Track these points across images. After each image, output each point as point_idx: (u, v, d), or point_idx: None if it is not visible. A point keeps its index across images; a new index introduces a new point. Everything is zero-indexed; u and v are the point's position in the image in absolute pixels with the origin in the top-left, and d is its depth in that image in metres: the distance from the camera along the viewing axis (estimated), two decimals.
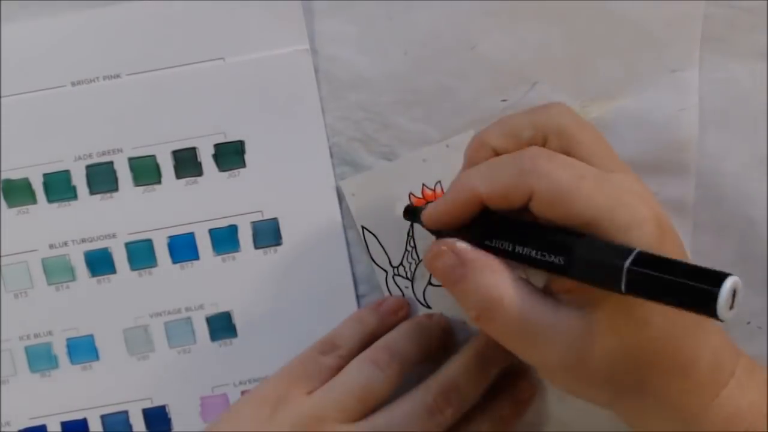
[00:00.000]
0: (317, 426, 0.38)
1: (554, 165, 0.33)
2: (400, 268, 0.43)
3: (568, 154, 0.35)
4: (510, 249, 0.34)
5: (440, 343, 0.42)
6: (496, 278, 0.34)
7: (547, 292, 0.34)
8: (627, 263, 0.29)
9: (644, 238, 0.31)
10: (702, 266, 0.28)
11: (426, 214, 0.37)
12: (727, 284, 0.27)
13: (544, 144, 0.35)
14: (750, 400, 0.35)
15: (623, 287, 0.29)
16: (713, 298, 0.27)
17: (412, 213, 0.41)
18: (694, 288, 0.28)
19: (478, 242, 0.35)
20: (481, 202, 0.35)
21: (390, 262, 0.43)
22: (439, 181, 0.42)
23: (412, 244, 0.43)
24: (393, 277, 0.43)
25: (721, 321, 0.27)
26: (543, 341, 0.33)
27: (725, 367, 0.34)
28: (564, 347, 0.33)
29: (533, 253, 0.33)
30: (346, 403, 0.38)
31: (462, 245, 0.36)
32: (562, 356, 0.33)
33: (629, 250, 0.30)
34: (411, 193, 0.42)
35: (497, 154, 0.36)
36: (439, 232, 0.37)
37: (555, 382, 0.36)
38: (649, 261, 0.29)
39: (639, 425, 0.36)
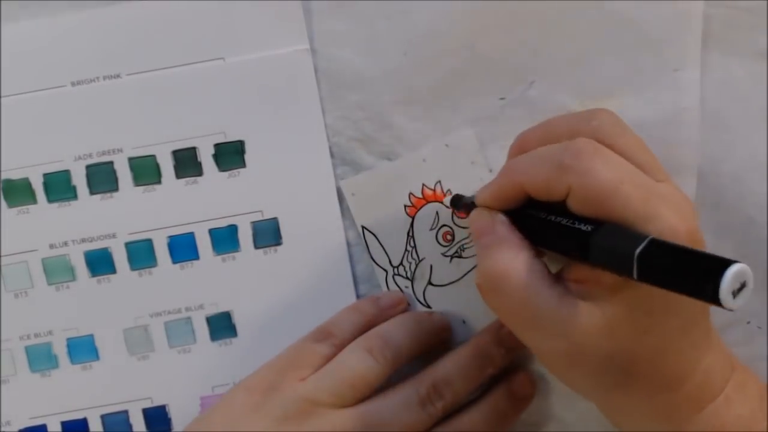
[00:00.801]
0: (309, 410, 0.38)
1: (597, 162, 0.32)
2: (400, 267, 0.43)
3: None
4: (544, 216, 0.34)
5: (436, 338, 0.42)
6: (510, 254, 0.34)
7: (560, 279, 0.34)
8: (638, 250, 0.29)
9: None
10: (712, 254, 0.28)
11: (479, 197, 0.37)
12: (731, 271, 0.26)
13: None
14: (737, 414, 0.35)
15: (635, 274, 0.29)
16: (717, 284, 0.26)
17: (457, 201, 0.41)
18: (699, 275, 0.27)
19: (520, 210, 0.36)
20: (527, 192, 0.35)
21: (390, 262, 0.43)
22: (439, 181, 0.42)
23: (412, 243, 0.43)
24: (393, 277, 0.43)
25: (726, 309, 0.27)
26: (540, 325, 0.34)
27: (715, 383, 0.35)
28: (559, 335, 0.33)
29: (564, 220, 0.33)
30: (339, 388, 0.38)
31: (500, 217, 0.36)
32: (556, 343, 0.33)
33: (643, 237, 0.30)
34: (411, 193, 0.42)
35: None
36: None
37: (546, 366, 0.36)
38: (660, 249, 0.29)
39: (619, 423, 0.37)
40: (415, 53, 0.41)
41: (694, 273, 0.28)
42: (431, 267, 0.43)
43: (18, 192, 0.42)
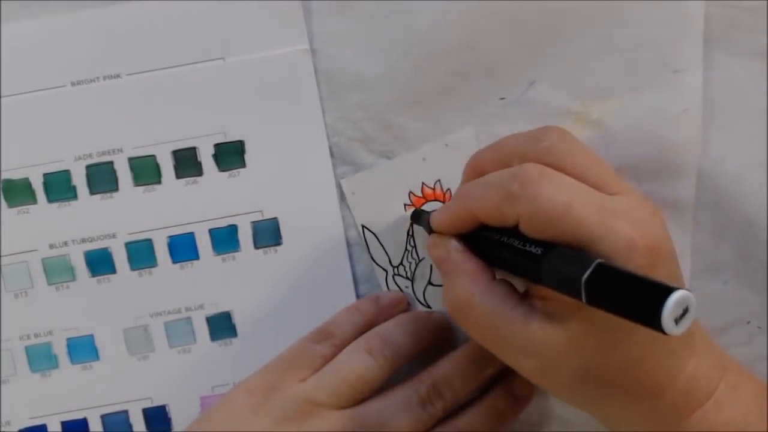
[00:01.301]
0: (310, 411, 0.38)
1: (544, 188, 0.32)
2: (400, 267, 0.43)
3: None
4: (497, 238, 0.35)
5: (436, 338, 0.42)
6: (467, 281, 0.35)
7: (526, 297, 0.35)
8: (585, 275, 0.29)
9: (633, 266, 0.31)
10: (656, 280, 0.28)
11: (434, 222, 0.38)
12: (673, 298, 0.26)
13: None
14: (728, 417, 0.35)
15: (584, 299, 0.30)
16: (658, 311, 0.26)
17: (417, 216, 0.41)
18: (642, 301, 0.28)
19: (476, 231, 0.36)
20: (479, 220, 0.35)
21: (390, 262, 0.43)
22: (439, 180, 0.42)
23: (412, 243, 0.43)
24: (393, 277, 0.43)
25: (668, 335, 0.27)
26: (510, 345, 0.34)
27: (702, 388, 0.35)
28: (529, 354, 0.33)
29: (516, 242, 0.33)
30: (339, 389, 0.38)
31: (453, 244, 0.37)
32: (528, 361, 0.34)
33: (590, 261, 0.30)
34: (411, 192, 0.42)
35: None
36: None
37: (530, 380, 0.36)
38: (607, 273, 0.29)
39: (611, 426, 0.37)
40: (416, 53, 0.41)
41: (638, 299, 0.28)
42: (431, 267, 0.43)
43: (18, 192, 0.42)
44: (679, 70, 0.41)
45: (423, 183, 0.42)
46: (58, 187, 0.42)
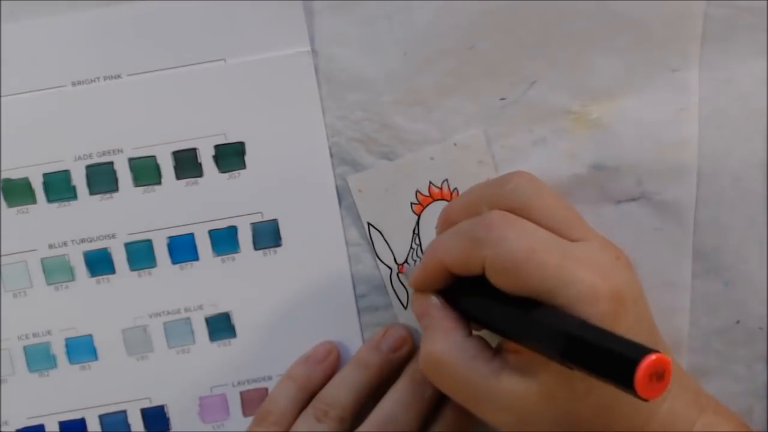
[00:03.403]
0: None
1: (509, 233, 0.32)
2: (405, 266, 0.43)
3: None
4: (472, 296, 0.35)
5: (385, 373, 0.42)
6: (442, 337, 0.35)
7: (499, 353, 0.35)
8: (563, 334, 0.29)
9: (596, 314, 0.31)
10: (633, 341, 0.28)
11: (411, 281, 0.38)
12: (646, 361, 0.26)
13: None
14: None
15: (559, 358, 0.30)
16: (631, 374, 0.26)
17: (407, 275, 0.42)
18: (616, 364, 0.27)
19: (456, 289, 0.37)
20: (449, 270, 0.35)
21: (395, 260, 0.43)
22: (446, 180, 0.42)
23: (417, 242, 0.43)
24: (397, 275, 0.43)
25: (644, 399, 0.27)
26: (484, 401, 0.34)
27: (677, 429, 0.34)
28: (503, 409, 0.34)
29: (489, 300, 0.34)
30: None
31: (433, 299, 0.37)
32: (503, 416, 0.34)
33: (570, 321, 0.30)
34: (418, 191, 0.42)
35: None
36: None
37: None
38: (584, 333, 0.29)
39: None
40: (415, 53, 0.41)
41: (613, 361, 0.28)
42: None
43: (18, 192, 0.42)
44: (677, 70, 0.41)
45: (430, 182, 0.42)
46: (58, 187, 0.42)
